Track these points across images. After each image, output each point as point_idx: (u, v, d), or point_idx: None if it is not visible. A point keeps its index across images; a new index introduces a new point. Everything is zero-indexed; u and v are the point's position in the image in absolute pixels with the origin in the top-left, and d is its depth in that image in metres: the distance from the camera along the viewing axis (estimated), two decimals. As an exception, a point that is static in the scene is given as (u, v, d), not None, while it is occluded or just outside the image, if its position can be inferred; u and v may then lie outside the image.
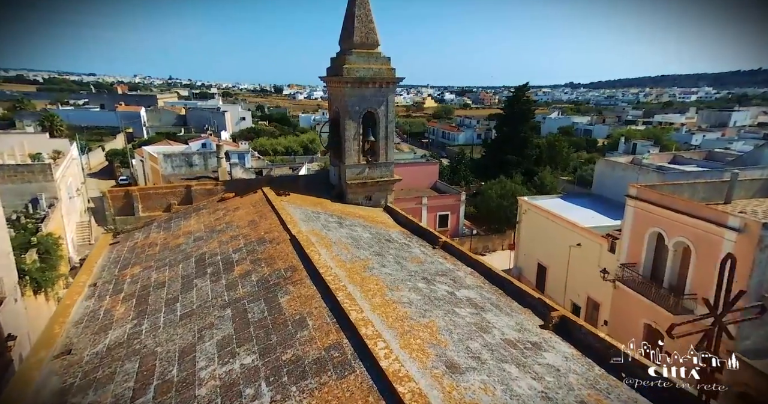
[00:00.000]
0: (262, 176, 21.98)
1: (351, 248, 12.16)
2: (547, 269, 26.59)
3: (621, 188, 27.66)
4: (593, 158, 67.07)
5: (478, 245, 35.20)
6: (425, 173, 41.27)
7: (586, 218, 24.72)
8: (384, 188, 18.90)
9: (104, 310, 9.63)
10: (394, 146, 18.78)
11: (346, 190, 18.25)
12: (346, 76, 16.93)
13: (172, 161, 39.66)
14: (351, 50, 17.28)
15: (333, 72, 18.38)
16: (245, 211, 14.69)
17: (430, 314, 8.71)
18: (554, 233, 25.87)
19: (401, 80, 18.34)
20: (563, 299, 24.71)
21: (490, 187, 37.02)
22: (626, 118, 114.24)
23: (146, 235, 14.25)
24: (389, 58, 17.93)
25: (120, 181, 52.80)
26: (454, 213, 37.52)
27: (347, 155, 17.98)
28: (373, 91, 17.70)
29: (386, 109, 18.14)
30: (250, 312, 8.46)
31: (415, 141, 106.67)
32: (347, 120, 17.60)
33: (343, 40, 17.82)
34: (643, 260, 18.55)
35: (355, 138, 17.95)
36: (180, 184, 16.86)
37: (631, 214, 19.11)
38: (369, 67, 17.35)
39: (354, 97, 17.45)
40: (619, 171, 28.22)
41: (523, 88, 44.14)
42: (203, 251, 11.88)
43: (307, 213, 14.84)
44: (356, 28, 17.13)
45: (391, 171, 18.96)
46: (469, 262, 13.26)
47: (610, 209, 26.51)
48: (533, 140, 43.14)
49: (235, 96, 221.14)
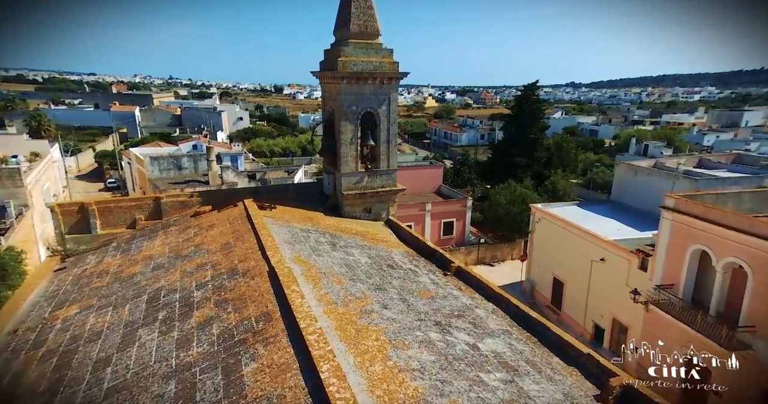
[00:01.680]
0: (246, 187, 19.57)
1: (345, 281, 9.80)
2: (564, 284, 24.22)
3: (645, 195, 25.43)
4: (602, 159, 64.74)
5: (486, 255, 32.84)
6: (429, 177, 38.90)
7: (610, 230, 22.33)
8: (385, 199, 16.54)
9: (11, 375, 7.25)
10: (396, 152, 16.41)
11: (342, 202, 15.88)
12: (341, 71, 14.56)
13: (160, 164, 37.29)
14: (347, 41, 14.91)
15: (326, 66, 16.02)
16: (220, 230, 12.33)
17: (449, 389, 6.35)
18: (573, 245, 23.50)
19: (405, 76, 15.98)
20: (584, 319, 22.35)
21: (498, 192, 34.62)
22: (632, 118, 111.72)
23: (100, 259, 11.90)
24: (391, 50, 15.56)
25: (108, 184, 50.55)
26: (460, 220, 35.15)
27: (343, 161, 15.62)
28: (373, 88, 15.34)
29: (388, 109, 15.78)
30: (200, 389, 6.10)
31: (416, 142, 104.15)
32: (343, 122, 15.24)
33: (338, 28, 15.45)
34: (683, 282, 16.19)
35: (352, 142, 15.59)
36: (147, 196, 14.52)
37: (667, 228, 16.77)
38: (368, 61, 14.99)
39: (351, 95, 15.08)
40: (642, 177, 25.83)
41: (532, 86, 41.72)
42: (160, 286, 9.52)
43: (295, 232, 12.48)
44: (353, 15, 14.77)
45: (393, 180, 16.60)
46: (489, 295, 10.90)
47: (635, 219, 24.14)
48: (543, 142, 40.67)
49: (234, 96, 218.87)
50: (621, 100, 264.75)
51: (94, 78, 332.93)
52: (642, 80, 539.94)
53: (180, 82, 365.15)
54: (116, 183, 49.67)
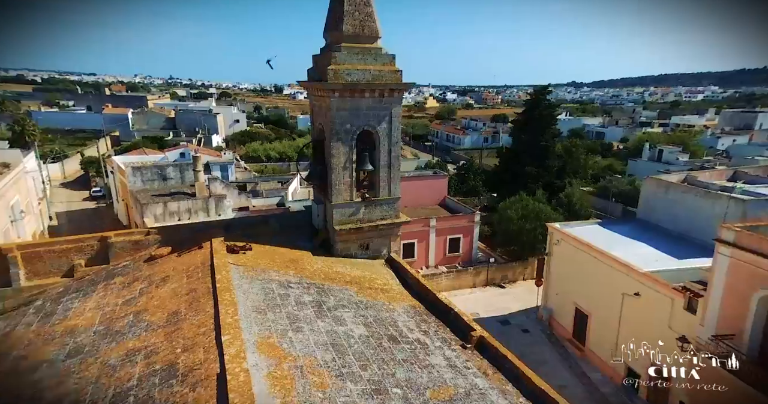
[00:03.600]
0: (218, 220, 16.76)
1: (330, 379, 7.06)
2: (588, 317, 21.45)
3: (678, 215, 22.70)
4: (612, 165, 61.93)
5: (496, 276, 30.05)
6: (433, 189, 36.11)
7: (643, 257, 19.55)
8: (386, 233, 13.81)
9: None
10: (400, 177, 13.65)
11: (335, 238, 13.14)
12: (332, 82, 11.83)
13: (143, 175, 34.49)
14: (339, 45, 12.18)
15: (315, 75, 13.28)
16: (173, 287, 9.58)
17: None
18: (599, 274, 20.73)
19: (411, 87, 13.32)
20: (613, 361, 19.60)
21: (509, 205, 31.81)
22: (640, 120, 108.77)
23: (11, 328, 9.13)
24: (393, 55, 12.83)
25: (93, 193, 47.71)
26: (467, 236, 32.37)
27: (335, 190, 12.87)
28: (371, 102, 12.60)
29: (389, 126, 13.04)
30: None
31: (417, 144, 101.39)
32: (334, 143, 12.50)
33: (329, 30, 12.71)
34: (747, 334, 13.47)
35: (346, 168, 12.84)
36: (90, 236, 11.76)
37: (725, 267, 14.05)
38: (365, 69, 12.25)
39: (344, 111, 12.34)
40: (675, 194, 23.01)
41: (543, 90, 38.97)
42: (60, 394, 6.74)
43: (270, 290, 9.73)
44: (347, 13, 12.02)
45: (395, 210, 13.85)
46: (527, 388, 8.06)
47: (669, 243, 21.34)
48: (555, 150, 37.85)
49: (234, 96, 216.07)
50: (624, 100, 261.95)
51: (94, 78, 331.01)
52: (643, 79, 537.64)
53: (180, 82, 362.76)
54: (101, 192, 46.88)
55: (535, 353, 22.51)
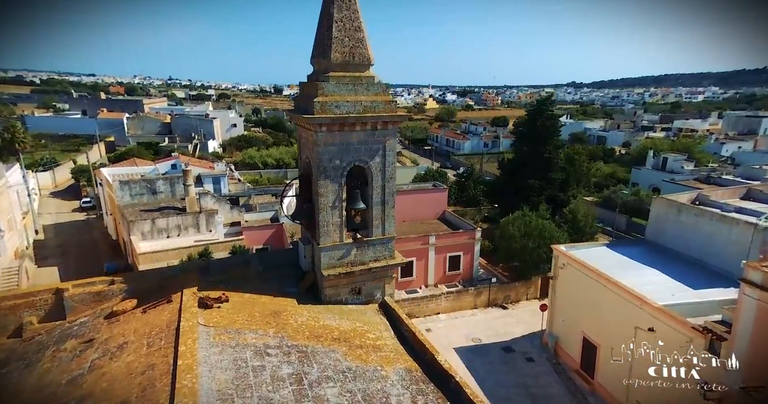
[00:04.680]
0: (193, 262, 15.42)
1: None
2: (597, 348, 20.22)
3: (691, 239, 21.56)
4: (616, 173, 60.68)
5: (498, 296, 28.77)
6: (432, 203, 34.84)
7: (656, 288, 18.32)
8: (380, 275, 12.58)
9: None
10: (394, 214, 12.40)
11: (323, 284, 11.90)
12: (320, 115, 10.60)
13: (131, 189, 33.24)
14: (327, 74, 10.96)
15: (301, 105, 12.04)
16: (129, 361, 8.34)
17: None
18: (608, 303, 19.49)
19: (405, 118, 12.08)
20: (626, 397, 18.35)
21: (510, 221, 30.53)
22: (642, 123, 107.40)
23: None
24: (387, 85, 11.61)
25: (83, 203, 46.43)
26: (468, 254, 31.10)
27: (323, 232, 11.64)
28: (363, 136, 11.38)
29: (383, 160, 11.81)
30: None
31: (417, 149, 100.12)
32: (322, 181, 11.26)
33: (316, 56, 11.50)
34: (778, 387, 12.29)
35: (335, 207, 11.61)
36: (44, 289, 10.50)
37: (753, 311, 12.82)
38: (356, 100, 11.02)
39: (332, 146, 11.12)
40: (687, 217, 21.79)
41: (545, 101, 37.72)
42: None
43: (242, 362, 8.48)
44: (335, 40, 10.78)
45: (390, 251, 12.62)
46: None
47: (682, 270, 20.12)
48: (558, 162, 36.56)
49: (232, 98, 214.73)
50: (624, 101, 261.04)
51: (94, 79, 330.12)
52: (643, 80, 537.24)
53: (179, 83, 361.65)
54: (91, 203, 45.61)
55: (541, 385, 21.30)
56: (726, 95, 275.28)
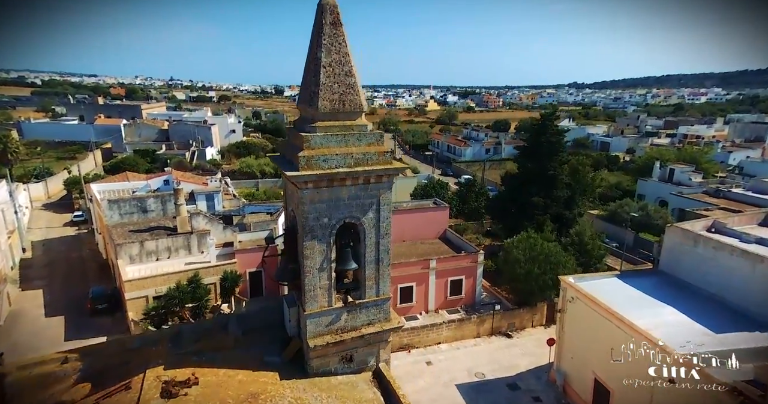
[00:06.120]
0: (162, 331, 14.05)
1: None
2: (610, 394, 18.94)
3: (710, 272, 20.29)
4: (621, 183, 59.32)
5: (502, 324, 27.47)
6: (432, 221, 33.57)
7: (675, 330, 17.08)
8: (375, 340, 11.32)
9: None
10: (390, 272, 11.16)
11: (309, 355, 10.65)
12: (305, 172, 9.34)
13: (120, 208, 32.03)
14: (314, 124, 9.72)
15: (286, 156, 10.79)
16: None
17: None
18: (622, 344, 18.16)
19: (402, 170, 10.82)
20: (639, 451, 17.15)
21: (515, 244, 29.25)
22: (645, 128, 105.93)
23: None
24: (381, 133, 10.36)
25: (74, 217, 45.18)
26: (470, 277, 29.84)
27: (309, 296, 10.41)
28: (355, 191, 10.15)
29: (377, 215, 10.57)
30: None
31: (418, 154, 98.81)
32: (308, 241, 10.04)
33: (302, 102, 10.28)
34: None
35: (323, 269, 10.38)
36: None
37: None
38: (346, 153, 9.79)
39: (320, 203, 9.90)
40: (704, 249, 20.52)
41: (550, 116, 36.39)
42: None
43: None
44: (323, 86, 9.53)
45: (386, 313, 11.39)
46: None
47: (701, 307, 18.86)
48: (563, 179, 35.23)
49: (233, 100, 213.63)
50: (626, 102, 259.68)
51: (95, 80, 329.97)
52: (646, 80, 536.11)
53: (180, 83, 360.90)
54: (83, 216, 44.38)
55: (548, 430, 20.01)
56: (729, 97, 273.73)
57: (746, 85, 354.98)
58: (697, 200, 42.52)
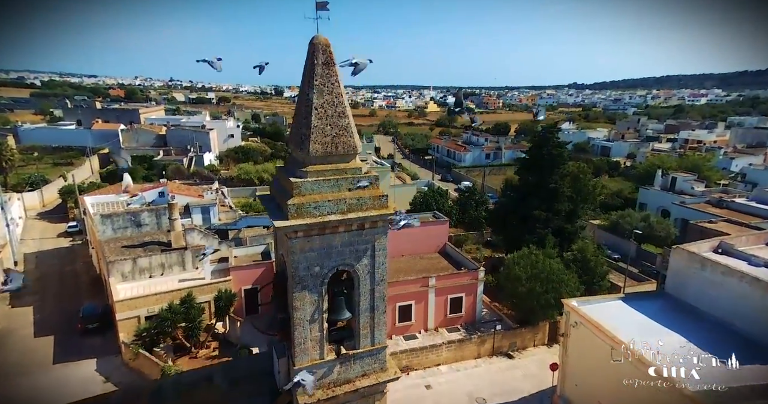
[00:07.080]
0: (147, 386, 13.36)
1: None
2: (615, 425, 18.37)
3: (718, 297, 19.57)
4: (622, 191, 58.62)
5: (504, 344, 26.84)
6: (432, 236, 32.91)
7: (684, 360, 16.39)
8: (370, 393, 10.65)
9: None
10: (385, 321, 10.51)
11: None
12: (295, 222, 8.69)
13: (113, 223, 31.39)
14: (305, 168, 9.06)
15: (275, 198, 10.13)
16: None
17: None
18: (629, 375, 17.51)
19: (395, 214, 10.15)
20: None
21: (516, 261, 28.60)
22: (646, 133, 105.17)
23: None
24: (376, 176, 9.68)
25: (69, 228, 44.49)
26: (470, 295, 29.18)
27: (299, 349, 9.75)
28: (348, 237, 9.50)
29: (372, 262, 9.92)
30: None
31: (417, 159, 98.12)
32: (298, 292, 9.39)
33: (292, 144, 9.62)
34: None
35: (315, 319, 9.72)
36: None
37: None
38: (339, 198, 9.14)
39: (311, 251, 9.24)
40: (712, 274, 19.90)
41: (551, 129, 35.69)
42: None
43: None
44: (315, 129, 8.88)
45: (382, 362, 10.73)
46: None
47: (709, 334, 18.18)
48: (564, 192, 34.53)
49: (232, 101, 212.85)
50: (626, 104, 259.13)
51: (95, 80, 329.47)
52: (645, 81, 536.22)
53: (180, 84, 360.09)
54: (78, 227, 43.65)
55: (551, 462, 19.34)
56: (729, 98, 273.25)
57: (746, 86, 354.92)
58: (701, 211, 41.87)
